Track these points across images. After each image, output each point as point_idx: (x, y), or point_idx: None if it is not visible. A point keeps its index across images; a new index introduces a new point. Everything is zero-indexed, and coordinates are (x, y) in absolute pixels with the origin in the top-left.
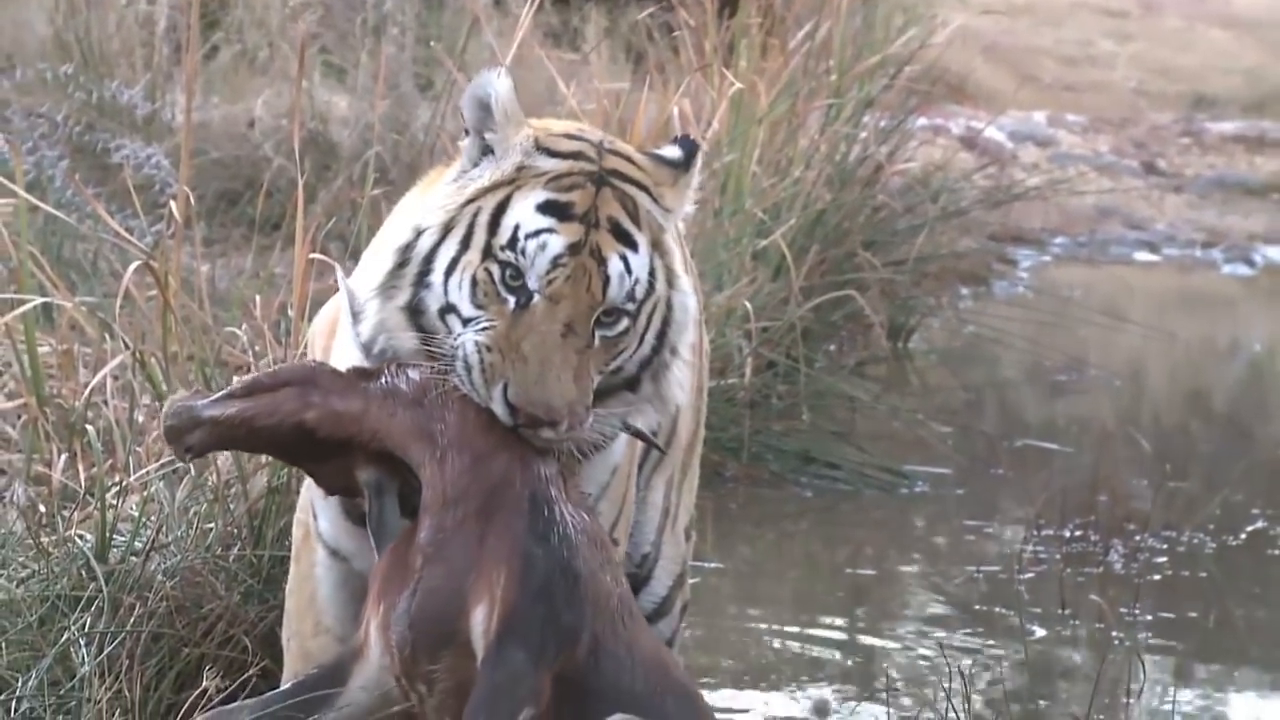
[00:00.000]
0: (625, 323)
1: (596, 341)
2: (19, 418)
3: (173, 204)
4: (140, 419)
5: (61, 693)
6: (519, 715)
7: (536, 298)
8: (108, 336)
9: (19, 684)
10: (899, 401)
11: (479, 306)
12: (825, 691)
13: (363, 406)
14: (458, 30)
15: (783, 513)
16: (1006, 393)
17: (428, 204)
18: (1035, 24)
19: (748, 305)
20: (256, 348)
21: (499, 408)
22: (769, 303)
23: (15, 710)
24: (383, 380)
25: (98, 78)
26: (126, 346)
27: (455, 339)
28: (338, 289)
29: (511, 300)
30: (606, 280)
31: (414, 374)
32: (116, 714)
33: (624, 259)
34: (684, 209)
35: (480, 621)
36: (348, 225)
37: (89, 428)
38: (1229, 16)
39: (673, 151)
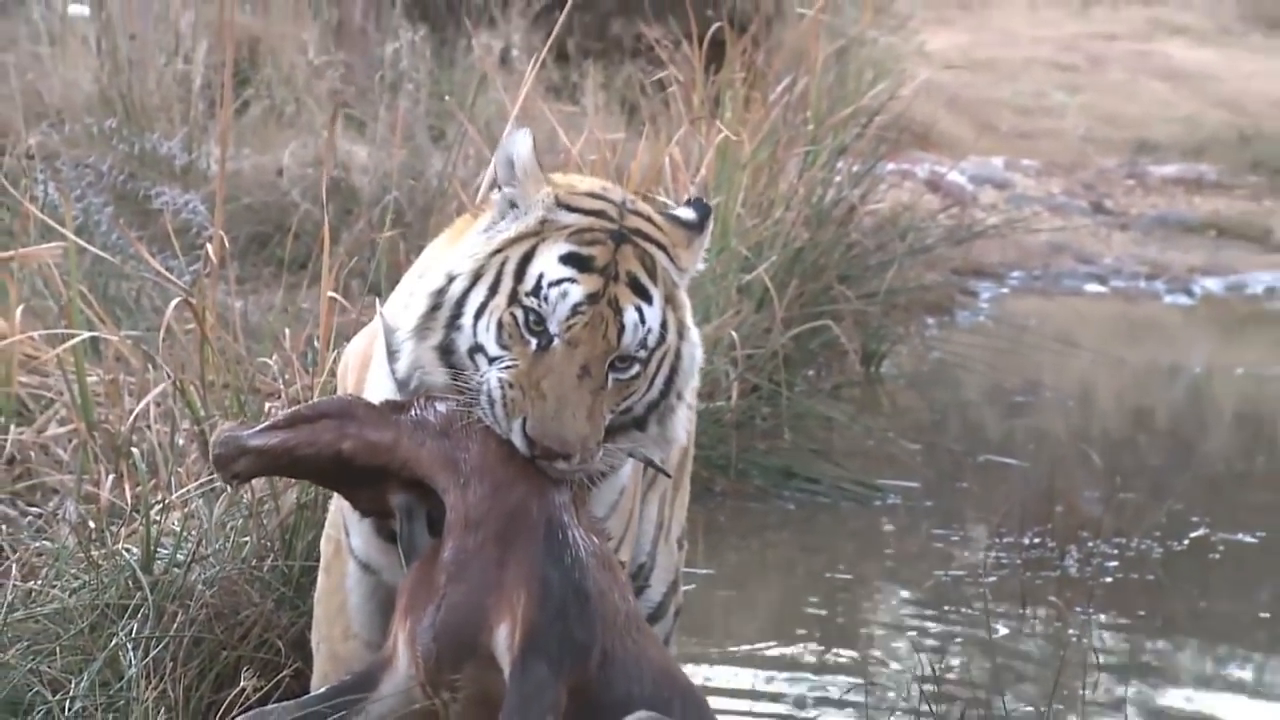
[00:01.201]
0: (637, 368)
1: (610, 383)
2: (70, 442)
3: (208, 246)
4: (181, 442)
5: (111, 693)
6: None
7: (556, 341)
8: (150, 367)
9: (72, 685)
10: (872, 421)
11: (504, 347)
12: (803, 687)
13: (394, 437)
14: (468, 86)
15: (767, 524)
16: (969, 412)
17: (459, 252)
18: (993, 79)
19: (734, 334)
20: (286, 376)
21: (518, 440)
22: (753, 332)
23: (69, 710)
24: (413, 413)
25: (139, 131)
26: (168, 376)
27: (481, 376)
28: (361, 322)
29: (534, 342)
30: (621, 329)
31: (441, 407)
32: (161, 712)
33: (639, 310)
34: (696, 266)
35: (504, 639)
36: (368, 263)
37: (134, 450)
38: (1169, 70)
39: (688, 213)
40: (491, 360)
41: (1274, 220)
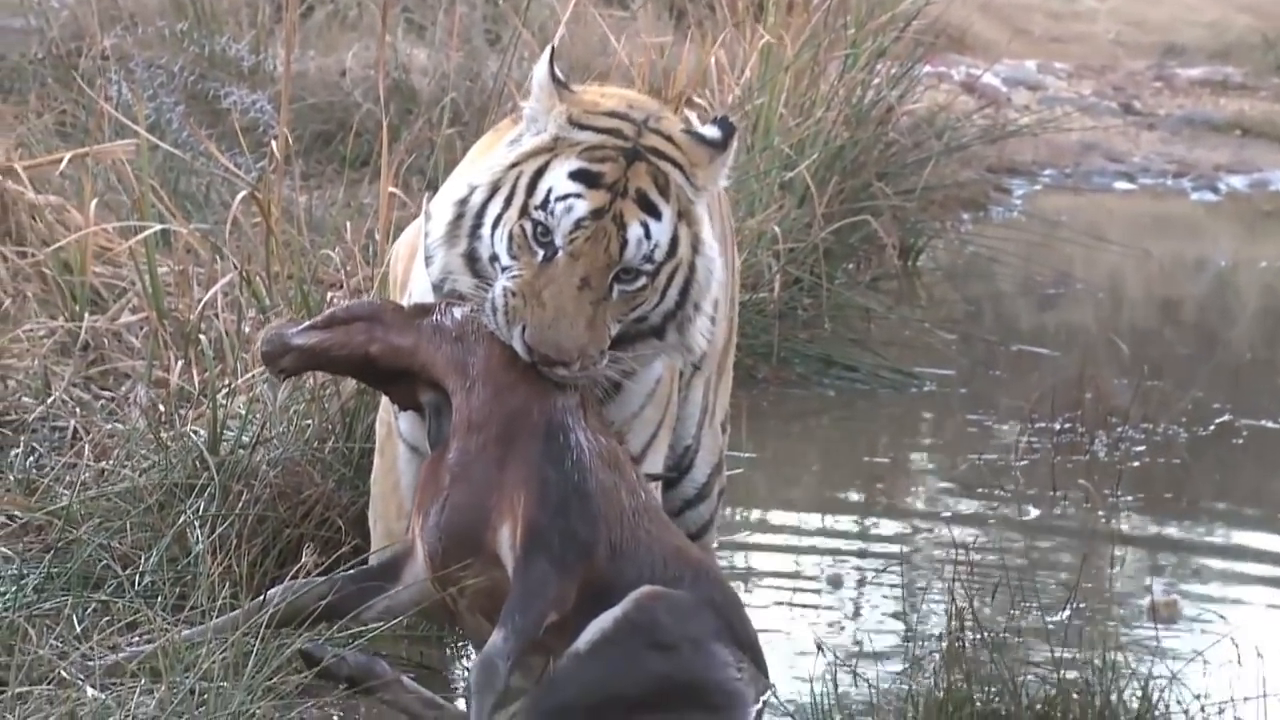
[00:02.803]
0: (643, 280)
1: (614, 295)
2: (141, 329)
3: (274, 143)
4: (247, 330)
5: (178, 568)
6: (547, 615)
7: (560, 253)
8: (218, 258)
9: (141, 560)
10: (909, 312)
11: (514, 257)
12: (839, 568)
13: (415, 342)
14: None
15: (808, 410)
16: (1002, 304)
17: (483, 163)
18: None
19: (776, 229)
20: (347, 267)
21: (518, 346)
22: (795, 227)
23: (138, 584)
24: (433, 317)
25: (209, 33)
26: (234, 267)
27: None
28: (417, 216)
29: (540, 253)
30: (624, 243)
31: (458, 312)
32: (226, 586)
33: (645, 226)
34: (718, 184)
35: (506, 537)
36: (427, 161)
37: (202, 338)
38: None
39: (711, 132)
40: (504, 270)
41: None
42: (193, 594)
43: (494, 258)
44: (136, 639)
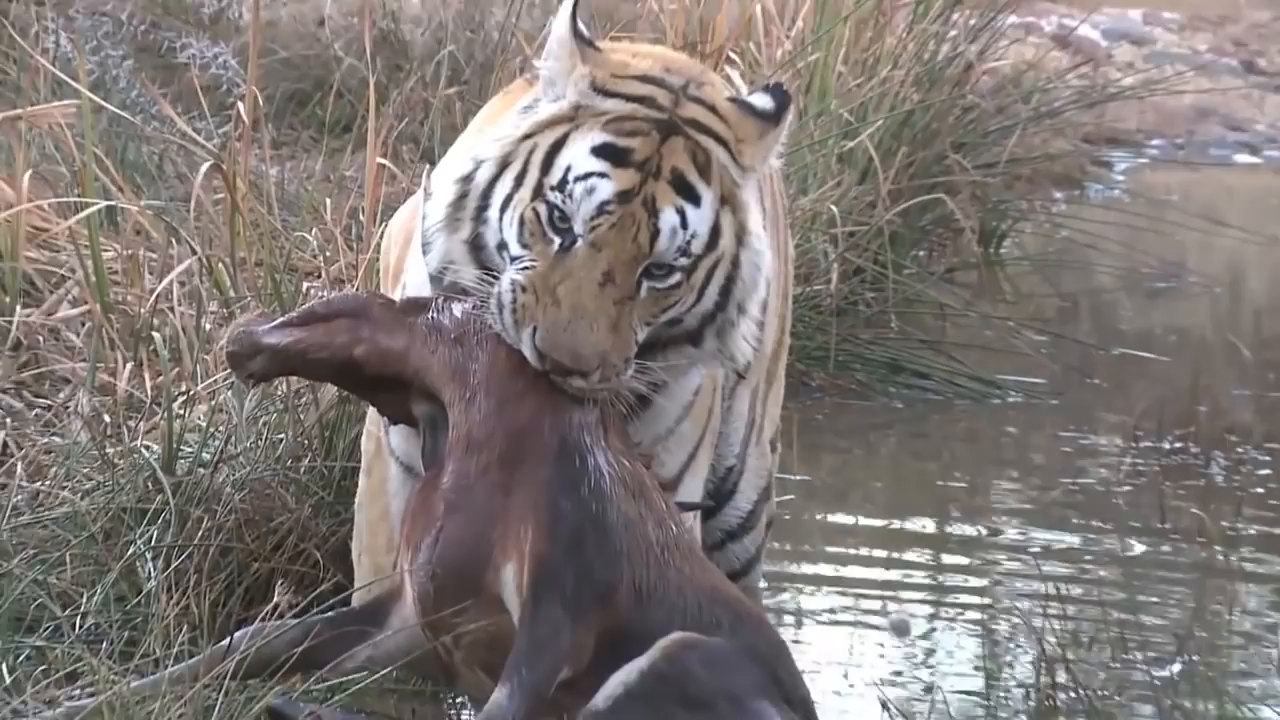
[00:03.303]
0: (678, 277)
1: (642, 292)
2: (83, 325)
3: (240, 105)
4: (208, 326)
5: (127, 608)
6: (559, 669)
7: (579, 242)
8: (174, 241)
9: (84, 599)
10: (990, 309)
11: (525, 246)
12: (908, 610)
13: (407, 343)
14: None
15: (870, 424)
16: (1102, 300)
17: (491, 133)
18: None
19: (834, 209)
20: (327, 253)
21: (528, 351)
22: (855, 206)
23: (79, 626)
24: (430, 315)
25: None
26: (193, 251)
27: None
28: (411, 193)
29: (556, 242)
30: (656, 233)
31: (458, 310)
32: (184, 630)
33: (680, 212)
34: (766, 165)
35: (511, 577)
36: (420, 127)
37: (155, 335)
38: None
39: (763, 101)
40: (514, 261)
41: None
42: (144, 639)
43: (502, 246)
44: (78, 692)
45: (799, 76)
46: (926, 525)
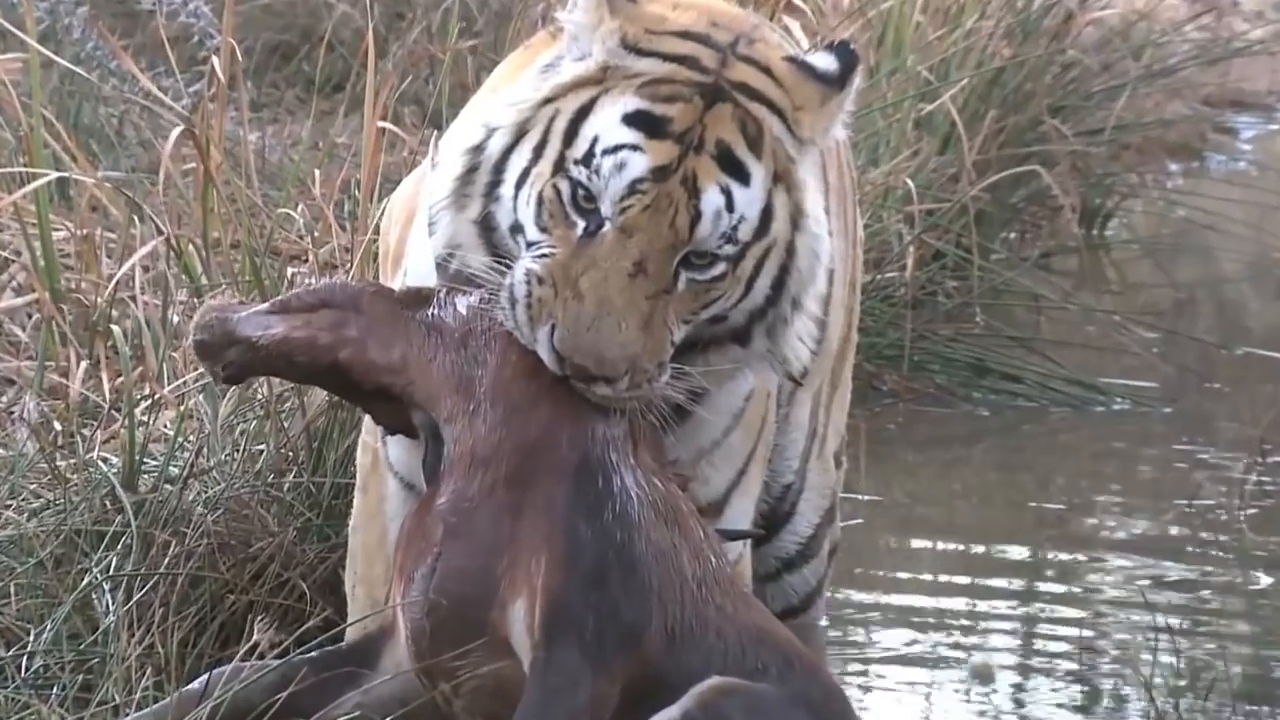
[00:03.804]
0: (722, 267)
1: (681, 285)
2: (30, 317)
3: (215, 59)
4: (175, 319)
5: (81, 647)
6: None
7: (607, 226)
8: (137, 219)
9: (30, 636)
10: (1093, 301)
11: (543, 230)
12: (992, 651)
13: (400, 353)
14: None
15: (951, 435)
16: (1224, 291)
17: (504, 98)
18: None
19: (909, 183)
20: (315, 233)
21: (544, 352)
22: (935, 180)
23: (27, 668)
24: (430, 311)
25: None
26: (159, 231)
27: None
28: (416, 163)
29: (580, 225)
30: (697, 216)
31: (463, 304)
32: (147, 673)
33: (726, 193)
34: (828, 137)
35: (521, 618)
36: (425, 86)
37: (114, 329)
38: None
39: (826, 62)
40: (530, 246)
41: None
42: (101, 683)
43: (516, 228)
44: None
45: (870, 27)
46: (1016, 552)
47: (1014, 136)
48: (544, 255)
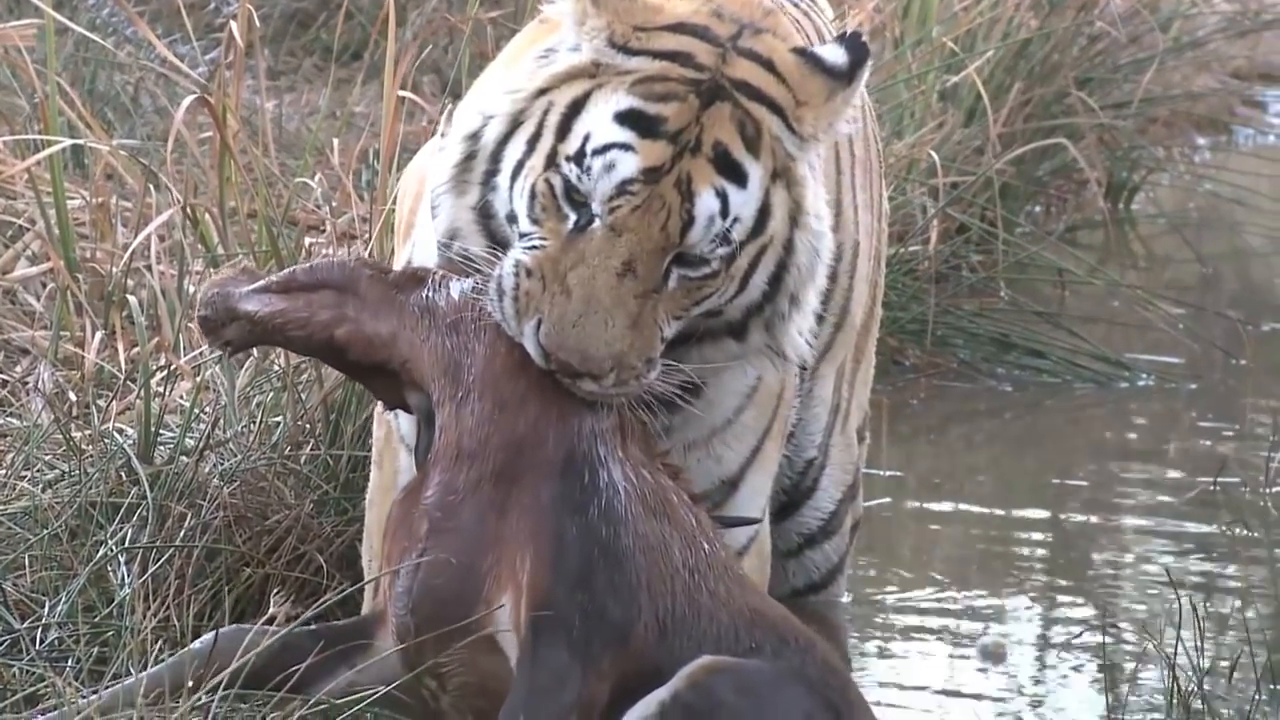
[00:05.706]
0: (715, 265)
1: (671, 283)
2: (45, 286)
3: (232, 25)
4: (191, 289)
5: (96, 619)
6: None
7: (597, 222)
8: (152, 188)
9: (45, 609)
10: (1119, 276)
11: (535, 222)
12: (1015, 629)
13: (394, 329)
14: None
15: (974, 410)
16: (1251, 266)
17: (503, 83)
18: None
19: (934, 155)
20: (333, 203)
21: (530, 347)
22: (960, 153)
23: (41, 640)
24: (424, 293)
25: None
26: (176, 200)
27: None
28: (434, 133)
29: (571, 219)
30: (690, 220)
31: (456, 289)
32: (163, 646)
33: (722, 196)
34: (832, 133)
35: (506, 613)
36: (445, 54)
37: (130, 298)
38: None
39: (834, 55)
40: (522, 238)
41: None
42: (115, 655)
43: (512, 217)
44: (39, 716)
45: None
46: (1039, 529)
47: (1040, 109)
48: (534, 247)
